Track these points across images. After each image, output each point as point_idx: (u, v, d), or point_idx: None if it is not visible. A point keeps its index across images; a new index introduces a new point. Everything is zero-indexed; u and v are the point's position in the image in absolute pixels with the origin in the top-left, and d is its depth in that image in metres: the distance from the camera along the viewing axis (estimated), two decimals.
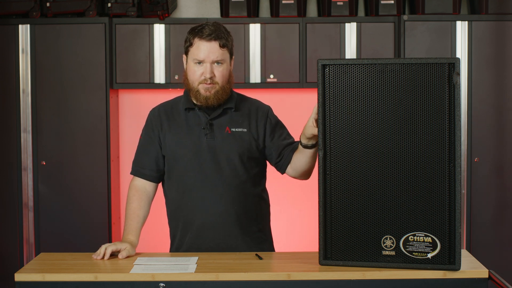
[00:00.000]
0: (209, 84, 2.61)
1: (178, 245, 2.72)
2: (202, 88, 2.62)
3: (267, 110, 2.76)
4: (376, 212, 2.28)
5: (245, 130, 2.69)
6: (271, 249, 2.80)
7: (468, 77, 4.49)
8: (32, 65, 4.52)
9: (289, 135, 2.76)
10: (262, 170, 2.78)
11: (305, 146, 2.54)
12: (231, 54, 2.67)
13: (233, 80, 2.70)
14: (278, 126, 2.74)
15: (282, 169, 2.72)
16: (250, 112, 2.72)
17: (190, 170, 2.66)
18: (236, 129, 2.68)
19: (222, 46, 2.61)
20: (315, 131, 2.41)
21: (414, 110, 2.24)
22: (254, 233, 2.72)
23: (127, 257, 2.49)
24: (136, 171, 2.75)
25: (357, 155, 2.29)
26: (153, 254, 2.57)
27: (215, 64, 2.61)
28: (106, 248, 2.48)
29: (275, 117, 2.77)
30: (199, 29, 2.62)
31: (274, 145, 2.70)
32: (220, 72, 2.62)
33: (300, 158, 2.61)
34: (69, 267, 2.36)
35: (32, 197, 4.54)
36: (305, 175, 2.69)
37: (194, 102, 2.69)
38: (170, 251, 2.76)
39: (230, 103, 2.69)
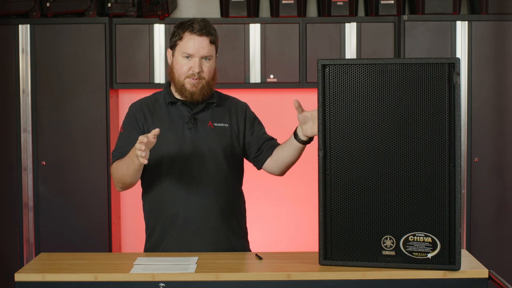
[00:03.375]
0: (196, 79, 2.64)
1: (159, 239, 2.70)
2: (188, 83, 2.65)
3: (245, 106, 2.82)
4: (376, 212, 2.28)
5: (226, 125, 2.72)
6: (248, 246, 2.82)
7: (468, 77, 4.49)
8: (32, 65, 4.52)
9: (266, 132, 2.82)
10: (242, 166, 2.81)
11: (303, 142, 2.60)
12: (216, 51, 2.72)
13: (217, 76, 2.74)
14: (256, 122, 2.80)
15: (260, 163, 2.77)
16: (231, 108, 2.76)
17: (174, 163, 2.66)
18: (218, 124, 2.71)
19: (211, 42, 2.66)
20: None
21: (414, 110, 2.24)
22: (235, 227, 2.75)
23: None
24: (121, 156, 2.67)
25: (357, 155, 2.29)
26: (153, 254, 2.56)
27: (204, 59, 2.65)
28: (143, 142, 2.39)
29: (253, 113, 2.83)
30: (189, 23, 2.66)
31: (255, 139, 2.75)
32: (207, 68, 2.66)
33: (290, 152, 2.65)
34: (69, 267, 2.36)
35: (32, 197, 4.54)
36: (286, 169, 2.73)
37: (177, 97, 2.71)
38: (146, 246, 2.75)
39: (212, 98, 2.73)
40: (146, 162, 2.42)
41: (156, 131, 2.42)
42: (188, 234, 2.67)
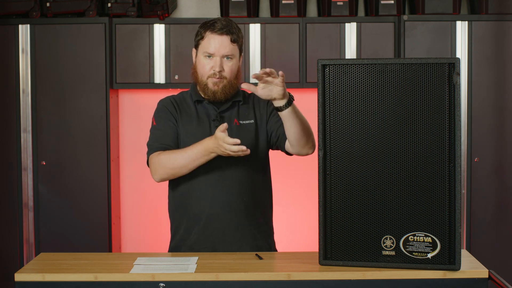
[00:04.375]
0: (218, 78, 2.64)
1: (183, 237, 2.71)
2: (210, 82, 2.65)
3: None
4: (376, 212, 2.28)
5: (251, 121, 2.72)
6: (274, 245, 2.81)
7: (468, 77, 4.49)
8: (32, 65, 4.52)
9: None
10: (268, 164, 2.80)
11: (280, 109, 2.51)
12: (240, 50, 2.71)
13: (241, 75, 2.73)
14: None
15: (282, 148, 2.72)
16: (254, 103, 2.76)
17: None
18: (244, 122, 2.71)
19: (233, 41, 2.65)
20: (268, 92, 2.45)
21: (414, 110, 2.24)
22: (261, 225, 2.74)
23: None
24: (160, 147, 2.65)
25: (357, 155, 2.29)
26: (153, 254, 2.57)
27: (225, 58, 2.65)
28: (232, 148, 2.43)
29: None
30: (211, 23, 2.66)
31: (273, 125, 2.70)
32: (229, 67, 2.66)
33: (286, 125, 2.56)
34: (69, 267, 2.36)
35: (32, 197, 4.54)
36: (301, 143, 2.61)
37: (202, 95, 2.72)
38: (171, 244, 2.76)
39: (238, 96, 2.73)
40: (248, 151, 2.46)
41: (225, 125, 2.45)
42: (212, 232, 2.66)
